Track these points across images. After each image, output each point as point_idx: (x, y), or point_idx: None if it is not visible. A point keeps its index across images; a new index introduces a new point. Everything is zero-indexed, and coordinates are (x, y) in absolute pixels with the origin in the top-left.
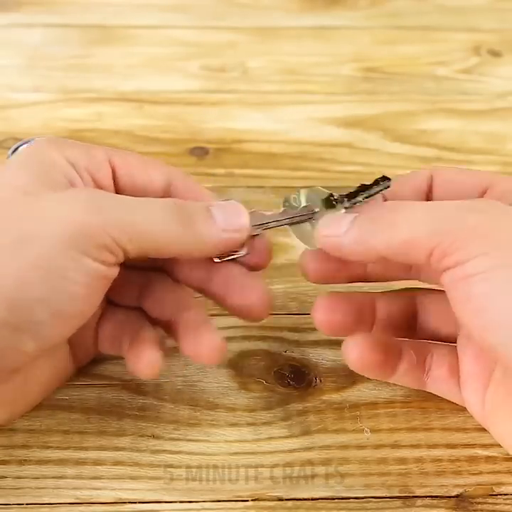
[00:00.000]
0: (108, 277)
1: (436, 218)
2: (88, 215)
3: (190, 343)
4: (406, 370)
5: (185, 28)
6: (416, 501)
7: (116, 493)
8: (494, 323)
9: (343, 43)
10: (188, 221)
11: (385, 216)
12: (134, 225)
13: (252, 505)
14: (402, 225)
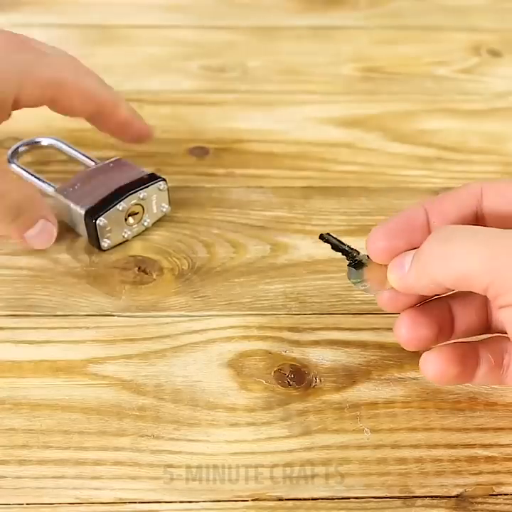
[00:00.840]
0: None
1: (487, 255)
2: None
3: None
4: (485, 373)
5: (185, 28)
6: (416, 501)
7: (116, 493)
8: None
9: (343, 43)
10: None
11: (438, 249)
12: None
13: (252, 505)
14: (454, 260)
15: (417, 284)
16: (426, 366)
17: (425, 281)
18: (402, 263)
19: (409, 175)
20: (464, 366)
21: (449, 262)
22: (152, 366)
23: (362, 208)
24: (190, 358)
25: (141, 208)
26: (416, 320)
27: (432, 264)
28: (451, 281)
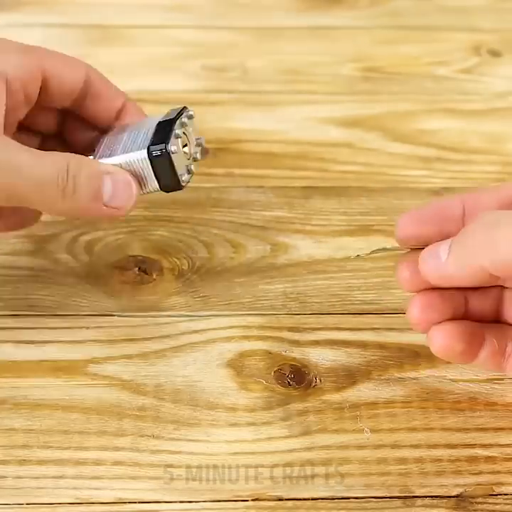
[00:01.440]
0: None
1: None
2: None
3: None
4: (487, 356)
5: (185, 28)
6: (416, 501)
7: (116, 493)
8: None
9: (343, 43)
10: (72, 191)
11: (485, 233)
12: (12, 190)
13: (252, 505)
14: (505, 243)
15: (457, 272)
16: (433, 339)
17: (468, 270)
18: (438, 252)
19: (409, 175)
20: (469, 344)
21: (499, 246)
22: (152, 366)
23: (362, 208)
24: (190, 357)
25: (186, 137)
26: (430, 302)
27: (478, 250)
28: (500, 267)
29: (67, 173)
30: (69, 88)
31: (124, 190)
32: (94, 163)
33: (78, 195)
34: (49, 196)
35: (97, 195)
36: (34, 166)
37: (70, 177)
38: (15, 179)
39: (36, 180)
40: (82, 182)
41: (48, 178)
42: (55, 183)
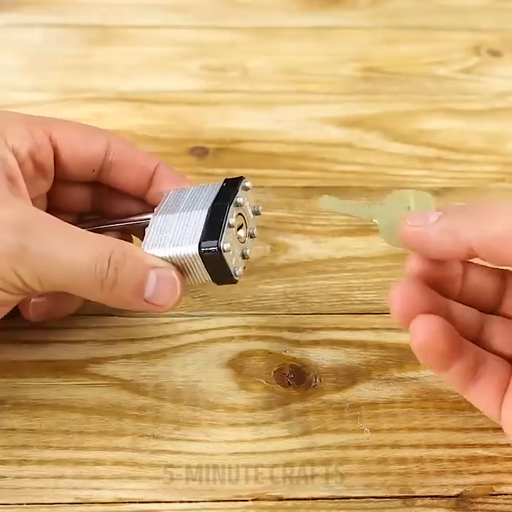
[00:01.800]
0: (16, 301)
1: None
2: (7, 257)
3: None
4: (459, 371)
5: (185, 28)
6: (416, 501)
7: (116, 493)
8: None
9: (343, 43)
10: (111, 284)
11: (483, 208)
12: (49, 278)
13: (252, 505)
14: (499, 218)
15: (437, 239)
16: (416, 328)
17: (451, 239)
18: (427, 216)
19: (409, 175)
20: (450, 347)
21: (490, 221)
22: (152, 366)
23: None
24: (190, 357)
25: (242, 217)
26: (412, 295)
27: (469, 222)
28: (484, 243)
29: (108, 263)
30: (85, 158)
31: (168, 289)
32: (141, 255)
33: (118, 289)
34: (85, 286)
35: (138, 291)
36: (69, 253)
37: (111, 269)
38: (47, 267)
39: (71, 269)
40: (125, 276)
41: (84, 267)
42: (92, 274)
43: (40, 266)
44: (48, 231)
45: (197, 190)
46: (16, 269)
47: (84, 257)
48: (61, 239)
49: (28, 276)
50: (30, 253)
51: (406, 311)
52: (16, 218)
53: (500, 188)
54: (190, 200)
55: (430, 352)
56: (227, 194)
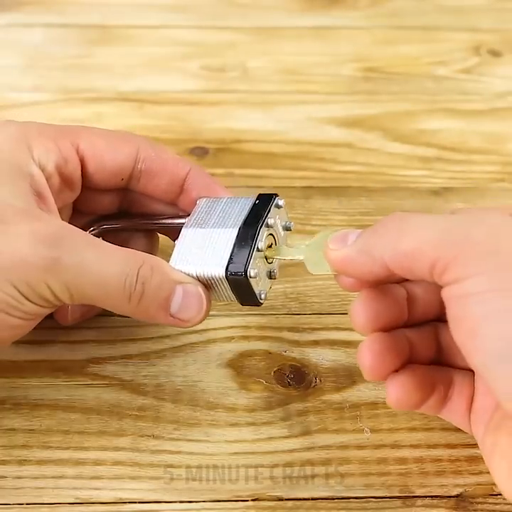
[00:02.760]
0: (45, 313)
1: (442, 229)
2: (39, 270)
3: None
4: (432, 404)
5: (185, 28)
6: (416, 501)
7: (116, 493)
8: (482, 346)
9: (343, 43)
10: (138, 298)
11: (392, 225)
12: (79, 290)
13: (252, 505)
14: (408, 235)
15: (355, 258)
16: (391, 392)
17: (367, 258)
18: (346, 236)
19: (409, 175)
20: (424, 394)
21: (401, 238)
22: (152, 366)
23: (362, 208)
24: (190, 358)
25: (272, 236)
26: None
27: (382, 240)
28: (398, 259)
29: (136, 278)
30: (113, 168)
31: (194, 304)
32: (168, 270)
33: (145, 303)
34: (114, 299)
35: (164, 305)
36: (100, 266)
37: (138, 283)
38: (78, 279)
39: (101, 282)
40: (151, 290)
41: (114, 281)
42: (121, 287)
43: (71, 278)
44: (78, 245)
45: (229, 204)
46: (47, 280)
47: (115, 270)
48: (92, 253)
49: (58, 288)
50: (62, 265)
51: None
52: (46, 232)
53: (500, 188)
54: (222, 215)
55: (407, 406)
56: (259, 213)
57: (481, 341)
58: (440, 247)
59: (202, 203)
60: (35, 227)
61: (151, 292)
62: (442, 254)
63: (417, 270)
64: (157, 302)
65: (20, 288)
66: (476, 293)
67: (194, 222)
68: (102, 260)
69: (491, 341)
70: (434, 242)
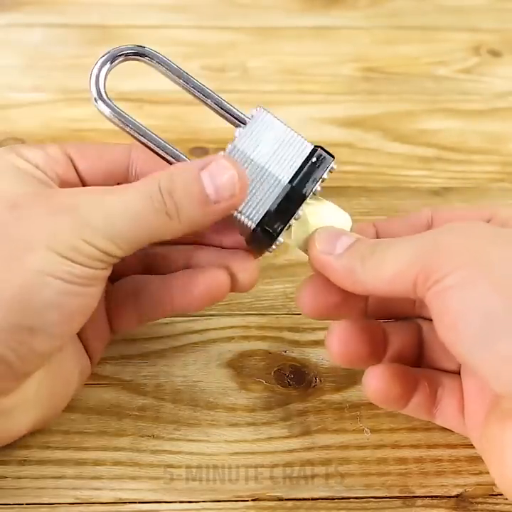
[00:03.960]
0: (104, 276)
1: (416, 247)
2: (71, 232)
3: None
4: (419, 402)
5: (185, 28)
6: (416, 501)
7: (116, 493)
8: (464, 334)
9: (343, 43)
10: (175, 210)
11: (375, 255)
12: (120, 234)
13: (252, 505)
14: (388, 263)
15: (339, 274)
16: (368, 382)
17: (350, 279)
18: (336, 243)
19: (409, 175)
20: (405, 388)
21: (382, 268)
22: (152, 366)
23: (362, 207)
24: (190, 358)
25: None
26: (347, 335)
27: (365, 269)
28: (380, 288)
29: (160, 193)
30: (105, 170)
31: (226, 177)
32: (183, 165)
33: (185, 210)
34: (154, 225)
35: (202, 198)
36: (123, 203)
37: (165, 196)
38: (109, 222)
39: (131, 215)
40: (181, 193)
41: (141, 207)
42: (152, 209)
43: (105, 226)
44: (97, 195)
45: (284, 139)
46: (83, 237)
47: (136, 197)
48: (109, 194)
49: (99, 241)
50: (90, 218)
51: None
52: (64, 199)
53: (500, 188)
54: (274, 150)
55: (385, 400)
56: (313, 176)
57: (462, 329)
58: (417, 264)
59: (261, 119)
60: (49, 202)
61: (183, 196)
62: (420, 269)
63: (400, 292)
64: (194, 200)
65: (65, 253)
66: (452, 286)
67: (249, 137)
68: (124, 197)
69: (471, 327)
70: (411, 263)
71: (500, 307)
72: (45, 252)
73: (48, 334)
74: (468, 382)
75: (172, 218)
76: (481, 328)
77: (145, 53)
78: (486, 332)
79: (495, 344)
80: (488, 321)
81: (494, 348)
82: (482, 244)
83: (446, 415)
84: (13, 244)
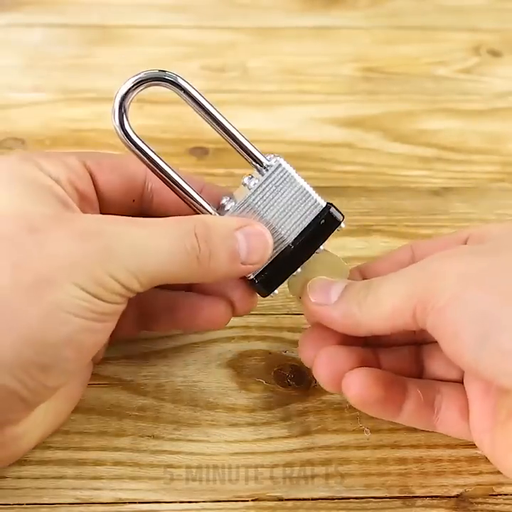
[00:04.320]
0: (120, 310)
1: (409, 281)
2: (96, 263)
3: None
4: (413, 410)
5: (185, 28)
6: (416, 501)
7: (116, 493)
8: (465, 341)
9: (343, 43)
10: (207, 257)
11: (370, 296)
12: (145, 270)
13: (252, 505)
14: (384, 301)
15: (339, 320)
16: (347, 384)
17: (351, 322)
18: (329, 292)
19: (409, 175)
20: (388, 392)
21: (379, 307)
22: (152, 366)
23: (362, 207)
24: (190, 358)
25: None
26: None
27: (363, 310)
28: (380, 325)
29: (196, 238)
30: (122, 184)
31: (259, 243)
32: (222, 221)
33: (215, 260)
34: (182, 267)
35: (234, 255)
36: (154, 240)
37: (201, 242)
38: (137, 259)
39: (162, 254)
40: (217, 245)
41: (175, 249)
42: (185, 252)
43: (130, 260)
44: (122, 227)
45: (296, 199)
46: (109, 271)
47: (171, 239)
48: (139, 229)
49: (123, 275)
50: (116, 250)
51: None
52: (84, 227)
53: (500, 188)
54: (284, 209)
55: (369, 404)
56: (318, 239)
57: (464, 336)
58: (413, 298)
59: (277, 172)
60: (70, 227)
61: (218, 247)
62: (418, 302)
63: (401, 325)
64: (227, 255)
65: (88, 288)
66: (447, 304)
67: (262, 192)
68: (153, 233)
69: (472, 331)
70: (406, 296)
71: (494, 305)
72: (66, 286)
73: (61, 371)
74: (472, 387)
75: (201, 264)
76: (480, 328)
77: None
78: (486, 330)
79: (497, 340)
80: (486, 320)
81: (497, 344)
82: (465, 263)
83: (448, 422)
84: (34, 272)
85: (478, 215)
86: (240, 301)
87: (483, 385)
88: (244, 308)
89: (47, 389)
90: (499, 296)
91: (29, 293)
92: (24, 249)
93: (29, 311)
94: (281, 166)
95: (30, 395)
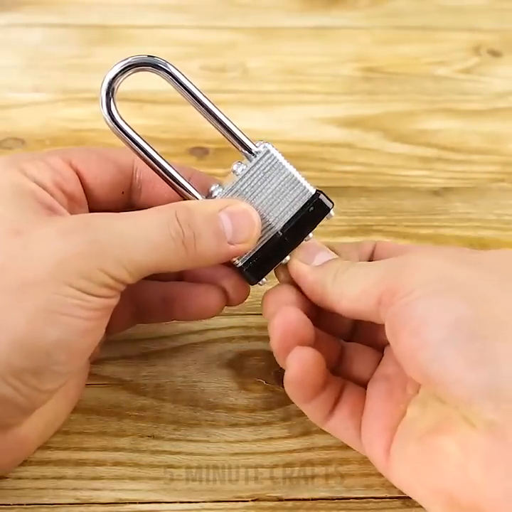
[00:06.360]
0: (111, 306)
1: (385, 268)
2: (84, 257)
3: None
4: (320, 403)
5: (185, 28)
6: (416, 502)
7: (116, 493)
8: (427, 340)
9: (343, 43)
10: (192, 239)
11: (347, 273)
12: (133, 260)
13: (252, 505)
14: (357, 282)
15: (311, 285)
16: (293, 357)
17: (319, 294)
18: (314, 255)
19: (409, 175)
20: (327, 386)
21: (348, 288)
22: (152, 366)
23: (362, 207)
24: (190, 358)
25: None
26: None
27: (333, 288)
28: (348, 307)
29: (179, 223)
30: (111, 179)
31: (245, 222)
32: (202, 203)
33: (202, 243)
34: (170, 254)
35: (220, 235)
36: (139, 230)
37: (184, 227)
38: (125, 250)
39: (149, 243)
40: (201, 227)
41: (159, 236)
42: (170, 239)
43: (119, 252)
44: (108, 221)
45: (285, 185)
46: (99, 265)
47: (154, 227)
48: (125, 222)
49: (113, 268)
50: (102, 242)
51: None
52: (70, 224)
53: (500, 188)
54: (273, 196)
55: (301, 385)
56: (306, 227)
57: (426, 335)
58: (382, 284)
59: (266, 159)
60: (55, 226)
61: (202, 229)
62: (386, 288)
63: (365, 311)
64: (212, 236)
65: (76, 283)
66: (418, 297)
67: (250, 178)
68: (137, 223)
69: (438, 332)
70: (376, 281)
71: (469, 315)
72: (53, 285)
73: (54, 374)
74: (375, 390)
75: (188, 248)
76: (449, 333)
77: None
78: (453, 336)
79: (462, 347)
80: (457, 327)
81: (463, 352)
82: (449, 264)
83: (337, 425)
84: (19, 275)
85: (478, 215)
86: (233, 289)
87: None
88: (237, 296)
89: (42, 393)
90: (474, 306)
91: (14, 296)
92: (8, 252)
93: (15, 315)
94: (270, 152)
95: (25, 401)
